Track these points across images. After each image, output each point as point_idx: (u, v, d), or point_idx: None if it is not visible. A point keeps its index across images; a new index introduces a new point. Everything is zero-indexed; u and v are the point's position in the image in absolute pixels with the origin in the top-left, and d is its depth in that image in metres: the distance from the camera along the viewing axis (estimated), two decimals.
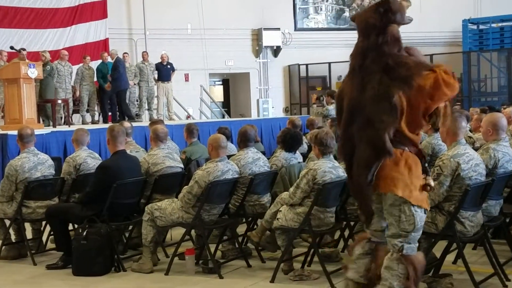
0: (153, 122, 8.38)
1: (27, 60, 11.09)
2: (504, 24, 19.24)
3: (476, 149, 5.07)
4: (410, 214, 3.49)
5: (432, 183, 3.55)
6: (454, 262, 5.13)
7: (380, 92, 3.37)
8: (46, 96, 12.45)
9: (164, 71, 14.80)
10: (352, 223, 5.62)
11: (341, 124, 3.60)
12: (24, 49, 12.44)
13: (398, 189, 3.44)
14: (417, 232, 3.58)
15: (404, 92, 3.37)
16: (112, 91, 13.31)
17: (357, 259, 3.79)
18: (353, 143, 3.53)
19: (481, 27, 19.74)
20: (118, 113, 13.50)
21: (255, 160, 5.88)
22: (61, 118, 13.28)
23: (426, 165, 3.64)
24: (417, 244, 3.63)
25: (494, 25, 19.40)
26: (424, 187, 3.52)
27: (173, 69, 14.98)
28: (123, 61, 13.53)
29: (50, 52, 13.46)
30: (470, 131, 7.82)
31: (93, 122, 13.67)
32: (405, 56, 3.49)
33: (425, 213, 3.59)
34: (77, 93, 13.67)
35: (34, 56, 13.34)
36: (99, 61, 14.02)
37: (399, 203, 3.49)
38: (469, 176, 4.38)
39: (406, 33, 3.41)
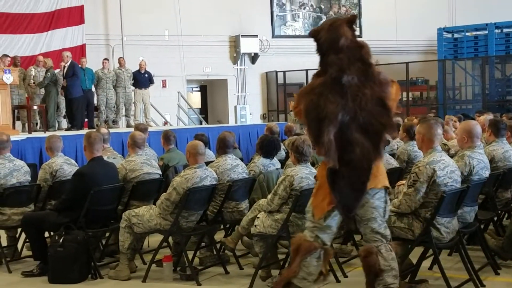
0: (138, 128, 8.23)
1: (2, 66, 10.99)
2: (478, 33, 19.52)
3: (451, 156, 5.13)
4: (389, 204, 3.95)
5: None
6: (430, 268, 5.18)
7: (371, 101, 3.73)
8: (50, 103, 12.41)
9: (142, 80, 14.72)
10: None
11: (328, 132, 3.66)
12: (7, 56, 12.34)
13: (378, 182, 3.83)
14: None
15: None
16: (68, 97, 12.74)
17: (307, 267, 3.89)
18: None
19: (455, 35, 20.00)
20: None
21: (233, 167, 5.88)
22: (37, 124, 13.16)
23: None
24: None
25: (468, 34, 19.68)
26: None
27: (151, 80, 14.87)
28: (78, 66, 13.00)
29: (25, 57, 13.33)
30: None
31: (68, 129, 13.54)
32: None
33: None
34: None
35: (11, 62, 13.18)
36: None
37: (384, 195, 3.87)
38: (445, 183, 4.44)
39: (383, 41, 3.46)
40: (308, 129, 3.78)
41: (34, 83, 12.81)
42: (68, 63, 12.76)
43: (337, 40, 3.71)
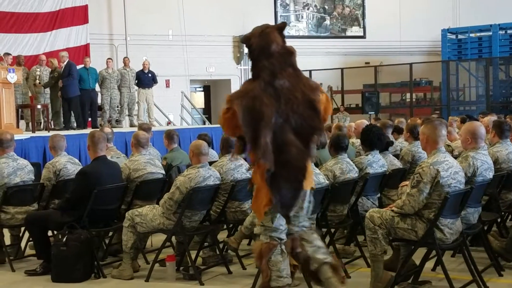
0: (142, 128, 8.24)
1: (6, 65, 11.01)
2: (482, 34, 19.50)
3: (455, 158, 5.13)
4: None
5: None
6: (433, 269, 5.17)
7: (303, 105, 3.81)
8: (57, 102, 12.46)
9: (145, 79, 14.73)
10: (332, 230, 5.66)
11: (263, 135, 3.74)
12: (9, 54, 12.36)
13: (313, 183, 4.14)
14: None
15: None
16: (64, 97, 12.67)
17: (276, 265, 3.96)
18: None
19: (459, 36, 19.99)
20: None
21: (237, 167, 5.89)
22: (40, 123, 13.18)
23: None
24: None
25: (472, 35, 19.66)
26: None
27: (155, 80, 14.89)
28: (75, 66, 12.92)
29: (30, 57, 13.36)
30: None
31: (72, 128, 13.55)
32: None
33: None
34: None
35: (14, 61, 13.22)
36: (80, 66, 13.92)
37: (309, 195, 4.04)
38: (448, 184, 4.43)
39: (386, 42, 3.44)
40: (245, 132, 3.82)
41: (39, 83, 12.85)
42: (65, 63, 12.67)
43: (268, 46, 3.84)
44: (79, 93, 12.89)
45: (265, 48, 3.86)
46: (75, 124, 13.15)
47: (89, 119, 13.79)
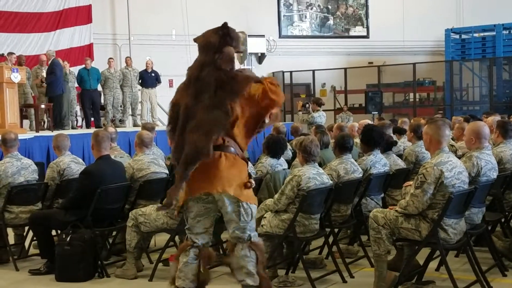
0: (146, 127, 8.21)
1: (10, 65, 11.02)
2: (485, 34, 19.46)
3: (458, 158, 5.12)
4: (247, 207, 3.86)
5: (253, 182, 3.92)
6: (437, 269, 5.17)
7: (214, 102, 3.74)
8: (63, 102, 12.50)
9: (148, 79, 14.76)
10: (336, 230, 5.66)
11: (177, 130, 3.86)
12: (12, 53, 12.37)
13: (231, 189, 3.81)
14: (254, 221, 3.95)
15: (235, 102, 3.78)
16: (48, 96, 12.57)
17: (184, 266, 3.97)
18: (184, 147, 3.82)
19: (463, 36, 19.95)
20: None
21: None
22: (44, 123, 13.19)
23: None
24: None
25: (476, 34, 19.62)
26: (246, 184, 3.87)
27: (158, 80, 14.90)
28: (60, 64, 12.77)
29: (33, 56, 13.37)
30: (453, 139, 7.91)
31: (73, 128, 13.57)
32: (236, 71, 3.89)
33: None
34: None
35: (17, 61, 13.24)
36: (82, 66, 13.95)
37: (236, 200, 3.83)
38: (452, 184, 4.42)
39: (390, 41, 3.44)
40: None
41: (44, 82, 12.86)
42: (50, 61, 12.60)
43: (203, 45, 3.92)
44: (64, 91, 12.77)
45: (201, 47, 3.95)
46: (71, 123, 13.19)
47: (92, 119, 13.81)
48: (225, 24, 3.96)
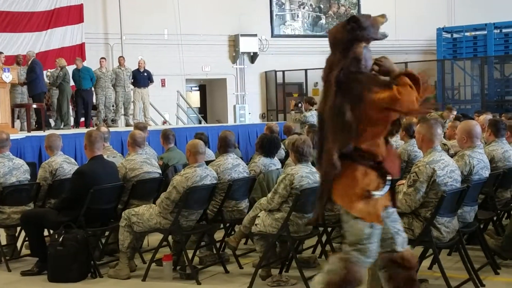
0: (138, 127, 8.19)
1: (1, 64, 10.97)
2: (477, 33, 19.53)
3: (451, 156, 5.14)
4: (349, 225, 3.39)
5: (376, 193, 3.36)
6: (430, 267, 5.19)
7: (335, 106, 3.33)
8: (64, 101, 12.48)
9: (141, 79, 14.73)
10: (329, 229, 5.67)
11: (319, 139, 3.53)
12: (1, 53, 12.31)
13: (338, 198, 3.42)
14: (362, 244, 3.37)
15: (356, 106, 3.30)
16: (30, 95, 12.53)
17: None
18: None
19: (454, 35, 20.01)
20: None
21: (234, 166, 5.89)
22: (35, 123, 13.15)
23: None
24: (368, 260, 3.42)
25: (467, 34, 19.68)
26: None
27: (150, 79, 14.89)
28: (40, 63, 12.74)
29: (24, 56, 13.28)
30: (444, 137, 7.93)
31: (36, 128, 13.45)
32: (360, 72, 3.40)
33: (372, 227, 3.35)
34: (49, 98, 13.55)
35: (9, 60, 13.18)
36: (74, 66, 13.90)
37: (344, 212, 3.43)
38: (445, 182, 4.44)
39: (382, 40, 3.46)
40: None
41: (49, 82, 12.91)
42: (30, 61, 12.52)
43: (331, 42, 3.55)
44: (45, 90, 12.78)
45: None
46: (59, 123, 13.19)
47: (82, 118, 13.79)
48: (353, 17, 3.43)
